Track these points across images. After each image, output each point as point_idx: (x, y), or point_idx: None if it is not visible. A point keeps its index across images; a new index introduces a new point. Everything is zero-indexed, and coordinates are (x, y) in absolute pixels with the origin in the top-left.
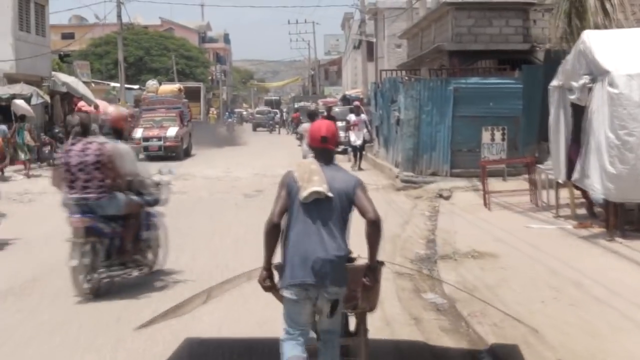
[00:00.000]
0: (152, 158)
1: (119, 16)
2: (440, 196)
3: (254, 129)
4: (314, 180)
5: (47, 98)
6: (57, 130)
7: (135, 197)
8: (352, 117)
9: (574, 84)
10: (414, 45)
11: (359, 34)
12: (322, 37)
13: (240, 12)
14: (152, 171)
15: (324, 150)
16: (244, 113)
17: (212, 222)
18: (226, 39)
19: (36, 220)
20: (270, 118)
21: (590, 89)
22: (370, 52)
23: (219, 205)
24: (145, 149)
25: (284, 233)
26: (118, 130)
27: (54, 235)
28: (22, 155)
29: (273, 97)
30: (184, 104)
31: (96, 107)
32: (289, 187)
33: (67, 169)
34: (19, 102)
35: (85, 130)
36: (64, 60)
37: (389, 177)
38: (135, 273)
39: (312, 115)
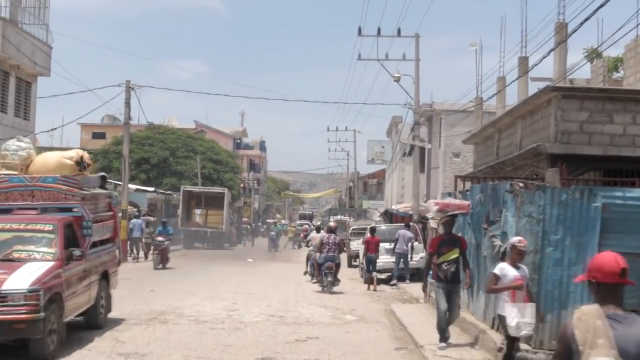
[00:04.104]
0: None
1: (127, 103)
2: None
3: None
4: (599, 345)
5: None
6: None
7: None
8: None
9: None
10: (486, 151)
11: (411, 138)
12: (364, 143)
13: (280, 121)
14: None
15: (619, 287)
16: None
17: None
18: (262, 146)
19: None
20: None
21: None
22: (422, 162)
23: None
24: None
25: None
26: (334, 229)
27: None
28: None
29: (307, 212)
30: (94, 199)
31: None
32: (569, 349)
33: (327, 244)
34: None
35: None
36: None
37: (481, 344)
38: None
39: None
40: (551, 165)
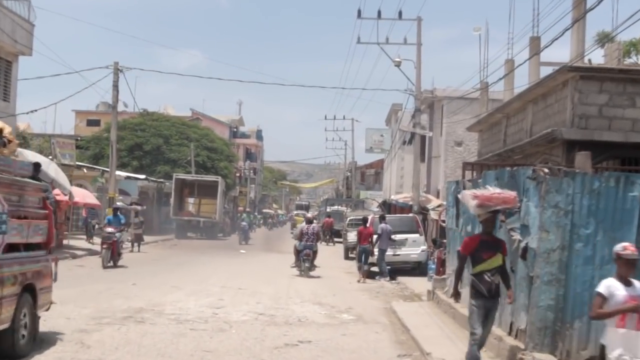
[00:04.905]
0: None
1: (115, 86)
2: None
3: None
4: None
5: None
6: None
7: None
8: None
9: None
10: (492, 139)
11: (411, 125)
12: (362, 133)
13: (278, 111)
14: None
15: None
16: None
17: None
18: (259, 135)
19: None
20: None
21: None
22: (422, 151)
23: None
24: None
25: None
26: (312, 220)
27: None
28: None
29: (303, 202)
30: (16, 187)
31: (71, 196)
32: None
33: (306, 233)
34: None
35: None
36: (79, 146)
37: (496, 353)
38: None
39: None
40: (567, 152)
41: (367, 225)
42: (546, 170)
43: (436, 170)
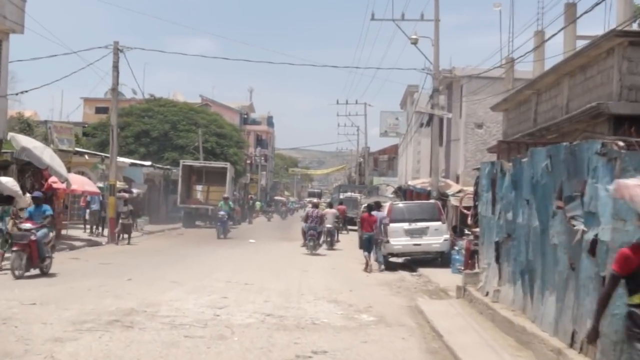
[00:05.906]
0: None
1: (115, 67)
2: None
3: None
4: None
5: None
6: None
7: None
8: None
9: None
10: (520, 118)
11: (429, 106)
12: (375, 119)
13: (289, 99)
14: None
15: None
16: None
17: None
18: (269, 121)
19: None
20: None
21: None
22: (440, 134)
23: None
24: None
25: None
26: (318, 205)
27: None
28: None
29: (315, 190)
30: None
31: (68, 184)
32: None
33: (311, 216)
34: (5, 181)
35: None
36: (86, 134)
37: None
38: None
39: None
40: (613, 129)
41: (373, 213)
42: (621, 143)
43: (455, 154)
